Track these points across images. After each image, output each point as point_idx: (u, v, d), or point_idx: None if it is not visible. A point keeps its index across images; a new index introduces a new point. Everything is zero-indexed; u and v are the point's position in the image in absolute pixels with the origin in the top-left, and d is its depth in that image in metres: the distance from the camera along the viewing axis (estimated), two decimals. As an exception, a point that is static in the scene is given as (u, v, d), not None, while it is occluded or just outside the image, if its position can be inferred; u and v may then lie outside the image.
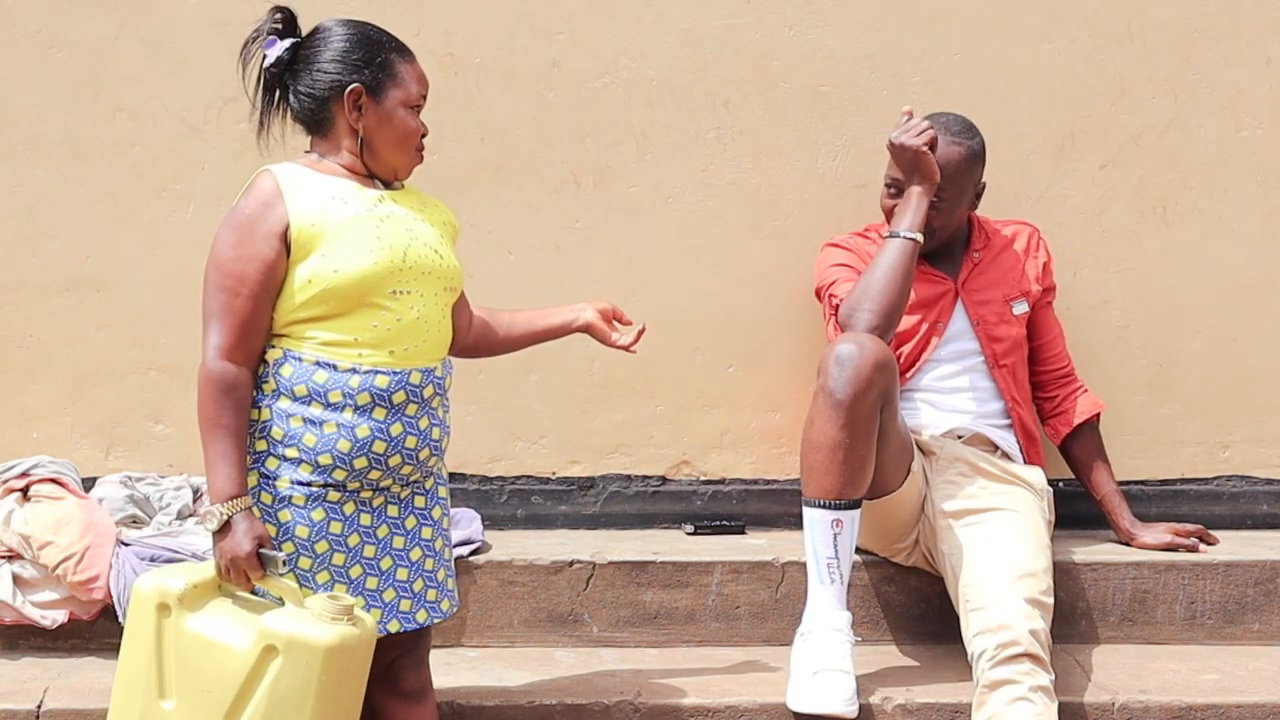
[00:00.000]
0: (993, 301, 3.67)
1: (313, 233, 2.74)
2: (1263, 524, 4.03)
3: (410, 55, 2.88)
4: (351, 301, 2.76)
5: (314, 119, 2.85)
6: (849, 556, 3.30)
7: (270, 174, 2.80)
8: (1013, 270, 3.71)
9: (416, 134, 2.88)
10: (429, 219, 2.90)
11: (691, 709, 3.27)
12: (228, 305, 2.73)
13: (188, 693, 2.71)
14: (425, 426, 2.84)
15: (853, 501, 3.28)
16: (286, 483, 2.77)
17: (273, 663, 2.66)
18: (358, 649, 2.71)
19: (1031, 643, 3.17)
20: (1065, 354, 3.82)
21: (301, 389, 2.76)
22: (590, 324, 3.17)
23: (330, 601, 2.68)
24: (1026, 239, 3.77)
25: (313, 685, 2.65)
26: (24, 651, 3.51)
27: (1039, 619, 3.23)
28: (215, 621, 2.72)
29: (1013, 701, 3.12)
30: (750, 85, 3.93)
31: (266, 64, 2.84)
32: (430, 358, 2.86)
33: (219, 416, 2.72)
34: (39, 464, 3.69)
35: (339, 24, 2.86)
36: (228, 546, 2.71)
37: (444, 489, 2.98)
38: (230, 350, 2.73)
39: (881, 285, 3.41)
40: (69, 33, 3.85)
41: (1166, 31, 3.95)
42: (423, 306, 2.83)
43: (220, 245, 2.76)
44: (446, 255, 2.89)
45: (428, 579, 2.91)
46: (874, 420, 3.29)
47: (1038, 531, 3.44)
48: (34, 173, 3.87)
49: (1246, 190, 3.99)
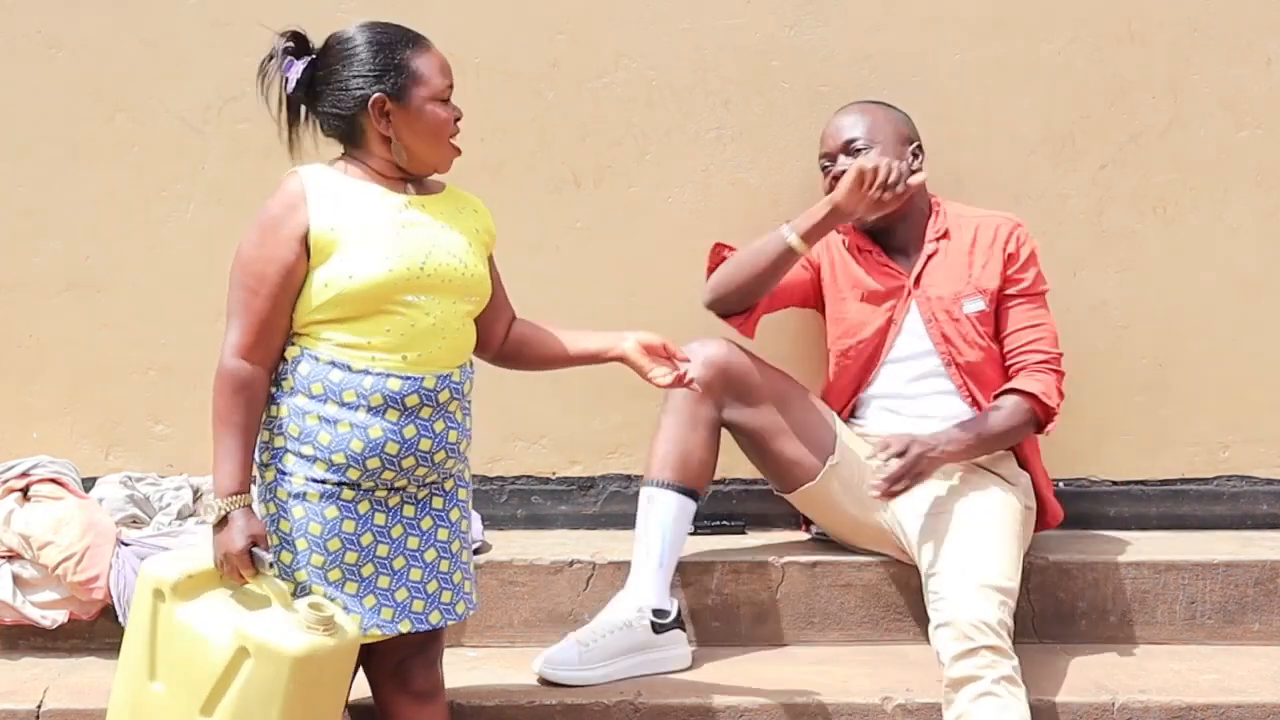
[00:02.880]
0: (945, 298, 3.61)
1: (331, 237, 2.75)
2: (1263, 524, 4.03)
3: (426, 45, 2.87)
4: (366, 306, 2.76)
5: (346, 134, 2.85)
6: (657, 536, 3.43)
7: (297, 176, 2.80)
8: (972, 265, 3.62)
9: (448, 124, 2.86)
10: (461, 226, 2.89)
11: (691, 709, 3.27)
12: (247, 304, 2.75)
13: (173, 678, 2.77)
14: (441, 430, 2.84)
15: (666, 482, 3.47)
16: (301, 479, 2.78)
17: (245, 663, 2.71)
18: (331, 658, 2.73)
19: (989, 634, 3.15)
20: (1034, 348, 3.59)
21: (318, 387, 2.77)
22: (625, 354, 3.06)
23: (310, 610, 2.70)
24: (994, 232, 3.63)
25: (280, 691, 2.69)
26: (24, 651, 3.51)
27: (998, 607, 3.21)
28: (202, 613, 2.76)
29: (978, 698, 3.11)
30: (750, 85, 3.93)
31: (289, 89, 2.83)
32: (447, 364, 2.85)
33: (230, 414, 2.74)
34: (39, 464, 3.69)
35: (348, 34, 2.84)
36: (223, 541, 2.74)
37: (464, 491, 2.97)
38: (246, 349, 2.75)
39: (733, 265, 3.53)
40: (69, 33, 3.85)
41: (1166, 31, 3.95)
42: (440, 313, 2.82)
43: (245, 244, 2.78)
44: (471, 264, 2.87)
45: (442, 581, 2.91)
46: (694, 414, 3.49)
47: (1005, 519, 3.42)
48: (34, 173, 3.88)
49: (1246, 190, 3.99)
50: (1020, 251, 3.62)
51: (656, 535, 3.44)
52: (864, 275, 3.66)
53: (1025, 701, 3.13)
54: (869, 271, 3.66)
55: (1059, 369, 3.59)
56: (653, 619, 3.39)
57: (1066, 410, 3.95)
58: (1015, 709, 3.11)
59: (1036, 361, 3.58)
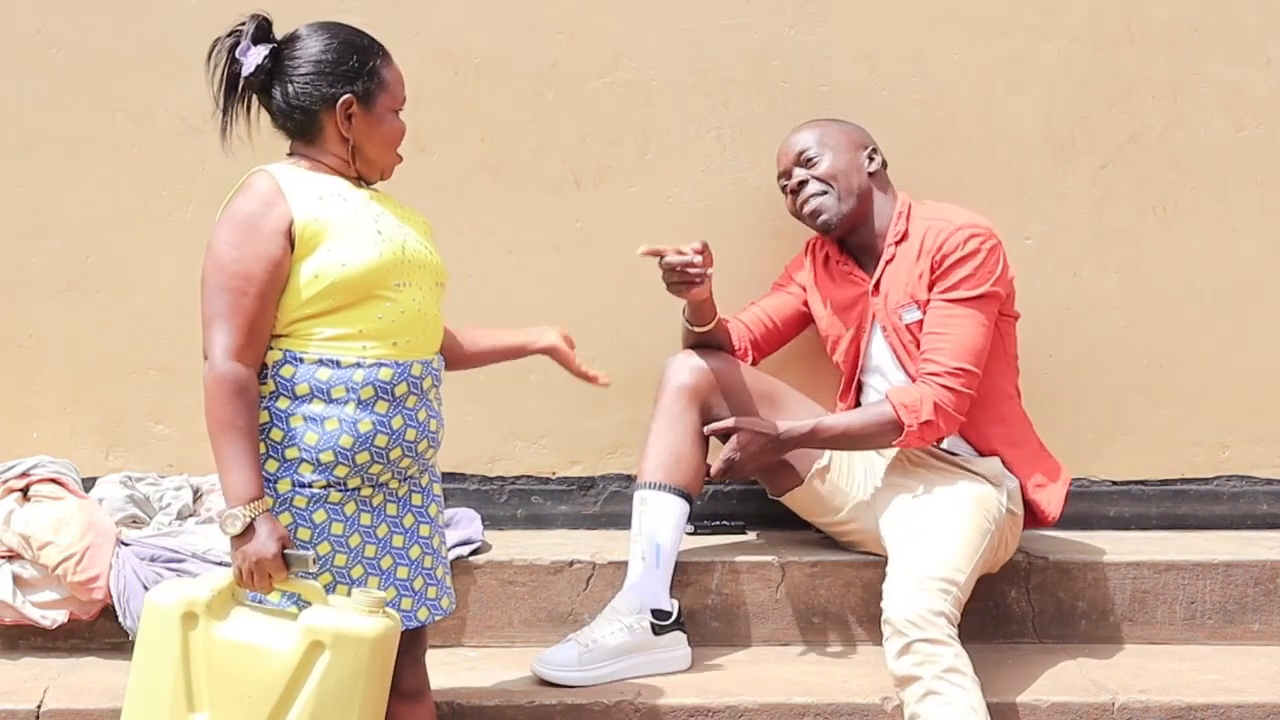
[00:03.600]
0: (892, 308, 3.55)
1: (317, 228, 2.75)
2: (1263, 524, 4.03)
3: (391, 57, 2.90)
4: (358, 294, 2.77)
5: (302, 128, 2.85)
6: (652, 537, 3.44)
7: (267, 173, 2.80)
8: (912, 274, 3.52)
9: (401, 134, 2.92)
10: (409, 218, 2.94)
11: (691, 709, 3.27)
12: (235, 306, 2.72)
13: (222, 702, 2.67)
14: (424, 419, 2.86)
15: (659, 484, 3.49)
16: (288, 484, 2.77)
17: (319, 659, 2.66)
18: (394, 641, 2.74)
19: (923, 627, 3.16)
20: (931, 356, 3.44)
21: (303, 388, 2.76)
22: (552, 346, 3.18)
23: (364, 595, 2.69)
24: (935, 238, 3.48)
25: (361, 677, 2.66)
26: (24, 651, 3.51)
27: (934, 596, 3.20)
28: (247, 626, 2.70)
29: (922, 698, 3.12)
30: (750, 85, 3.93)
31: (246, 71, 2.82)
32: (428, 349, 2.88)
33: (233, 419, 2.69)
34: (39, 464, 3.69)
35: (321, 30, 2.85)
36: (252, 549, 2.67)
37: (438, 485, 2.99)
38: (239, 351, 2.72)
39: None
40: (69, 33, 3.85)
41: (1166, 31, 3.95)
42: (421, 298, 2.85)
43: (221, 246, 2.75)
44: (433, 251, 2.93)
45: (427, 576, 2.92)
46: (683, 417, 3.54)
47: (965, 513, 3.39)
48: (34, 172, 3.87)
49: (1246, 190, 3.99)
50: (949, 256, 3.46)
51: (652, 536, 3.45)
52: (832, 285, 3.69)
53: (971, 688, 3.13)
54: (836, 281, 3.68)
55: (949, 384, 3.41)
56: (653, 620, 3.39)
57: (1067, 410, 3.97)
58: (960, 700, 3.10)
59: (926, 372, 3.44)
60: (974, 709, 3.11)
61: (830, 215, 3.58)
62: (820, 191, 3.58)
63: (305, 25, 2.86)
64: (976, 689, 3.13)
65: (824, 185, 3.58)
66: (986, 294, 3.45)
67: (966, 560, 3.32)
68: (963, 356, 3.42)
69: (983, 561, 3.39)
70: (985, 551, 3.39)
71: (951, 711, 3.09)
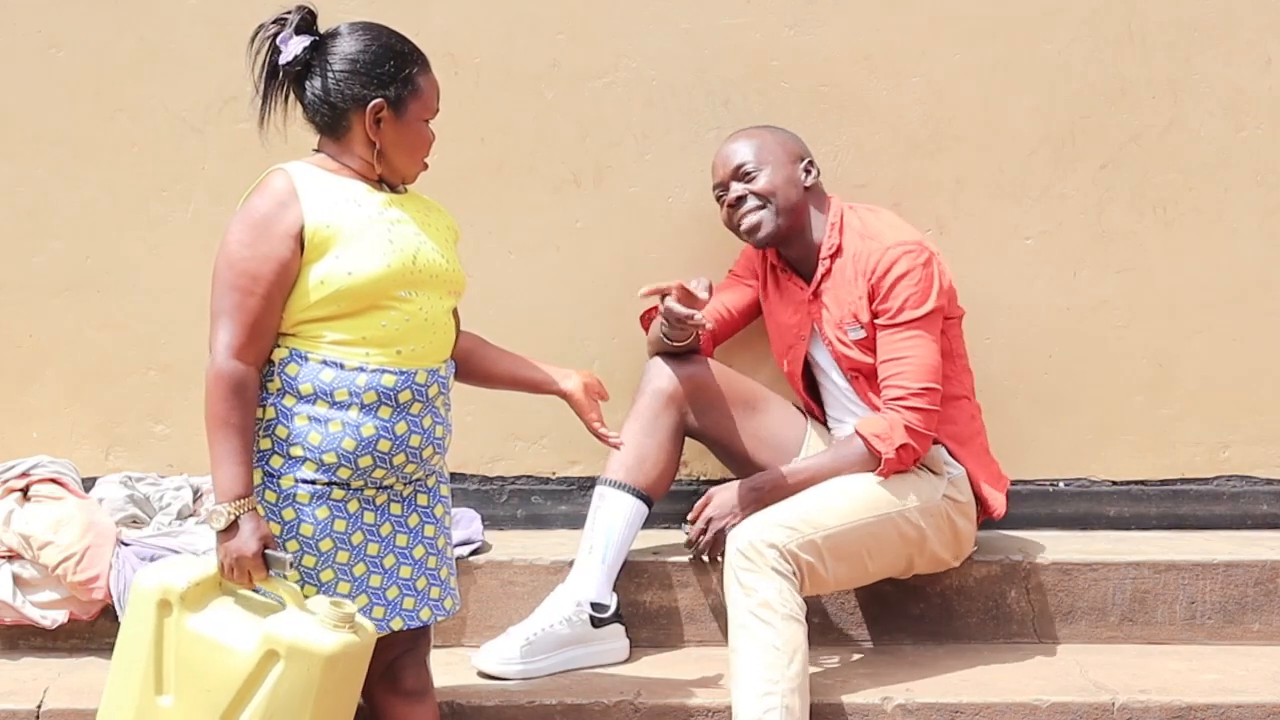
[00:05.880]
0: (834, 321, 3.55)
1: (327, 234, 2.75)
2: (1263, 524, 4.03)
3: (429, 66, 2.89)
4: (362, 302, 2.77)
5: (330, 124, 2.85)
6: (602, 533, 3.49)
7: (284, 172, 2.80)
8: (850, 293, 3.52)
9: (430, 144, 2.90)
10: (433, 224, 2.92)
11: (691, 709, 3.27)
12: (240, 304, 2.73)
13: (186, 690, 2.72)
14: (429, 425, 2.85)
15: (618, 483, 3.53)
16: (291, 480, 2.78)
17: (274, 667, 2.68)
18: (357, 656, 2.73)
19: (749, 557, 3.20)
20: (892, 382, 3.44)
21: (307, 387, 2.77)
22: (570, 393, 3.12)
23: (333, 608, 2.69)
24: (866, 262, 3.48)
25: (312, 691, 2.68)
26: (24, 651, 3.51)
27: (776, 530, 3.23)
28: (217, 621, 2.72)
29: (735, 632, 3.18)
30: (750, 85, 3.93)
31: (284, 60, 2.82)
32: (435, 358, 2.87)
33: (228, 416, 2.71)
34: (39, 464, 3.69)
35: (363, 30, 2.84)
36: (233, 546, 2.70)
37: (445, 487, 2.99)
38: (240, 349, 2.73)
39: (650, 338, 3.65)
40: (69, 33, 3.85)
41: (1166, 31, 3.95)
42: (430, 308, 2.84)
43: (233, 243, 2.76)
44: (451, 260, 2.91)
45: (430, 577, 2.92)
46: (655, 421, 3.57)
47: (863, 487, 3.38)
48: (34, 173, 3.88)
49: (1246, 190, 3.99)
50: (884, 281, 3.46)
51: (603, 532, 3.50)
52: (775, 291, 3.69)
53: (780, 625, 3.14)
54: (779, 286, 3.68)
55: (916, 405, 3.41)
56: (591, 613, 3.43)
57: (1067, 410, 3.97)
58: (763, 636, 3.13)
59: (891, 398, 3.44)
60: (776, 646, 3.13)
61: (766, 232, 3.56)
62: (757, 207, 3.57)
63: (348, 23, 2.86)
64: (789, 627, 3.15)
65: (761, 201, 3.57)
66: (931, 311, 3.47)
67: (834, 516, 3.31)
68: (924, 376, 3.44)
69: (878, 540, 3.36)
70: (882, 528, 3.37)
71: (752, 647, 3.13)
